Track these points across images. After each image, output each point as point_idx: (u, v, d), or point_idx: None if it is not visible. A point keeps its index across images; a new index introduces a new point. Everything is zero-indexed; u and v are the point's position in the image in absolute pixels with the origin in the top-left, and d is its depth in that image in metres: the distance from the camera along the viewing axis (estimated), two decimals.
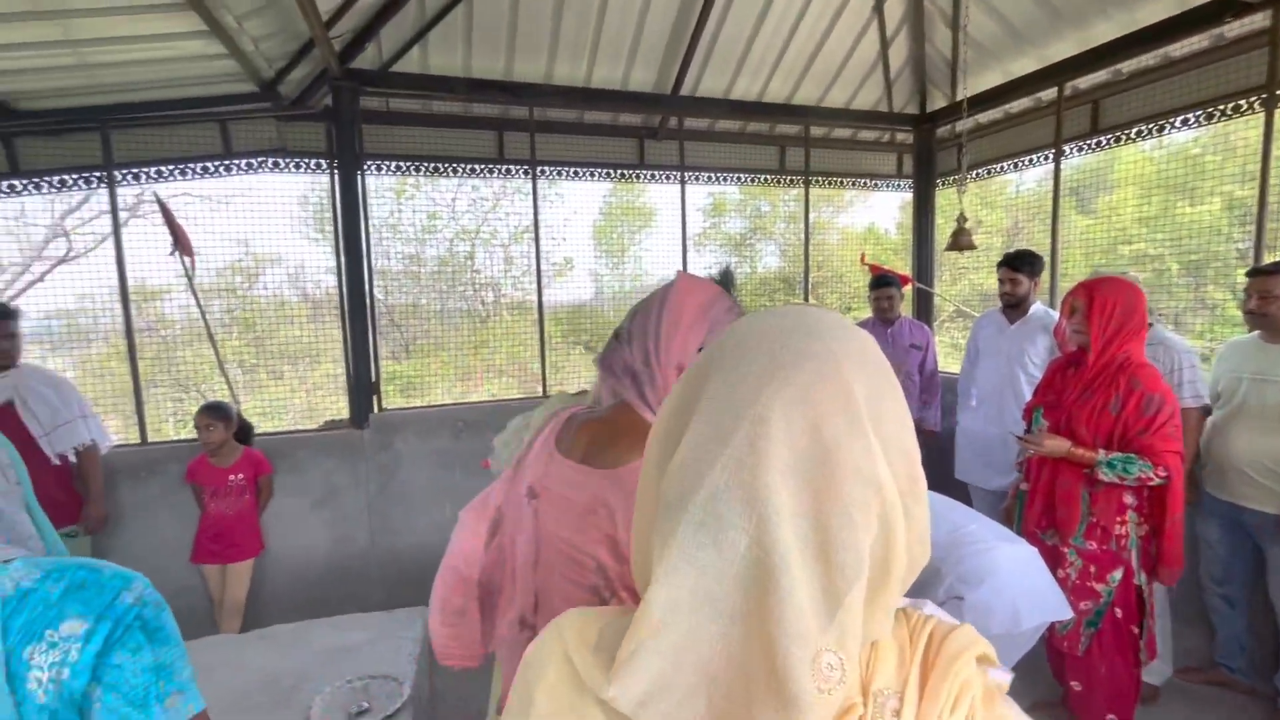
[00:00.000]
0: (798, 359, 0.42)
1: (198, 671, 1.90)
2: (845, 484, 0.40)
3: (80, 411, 2.78)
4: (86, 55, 2.56)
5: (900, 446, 0.43)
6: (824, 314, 0.47)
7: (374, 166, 3.51)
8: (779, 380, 0.41)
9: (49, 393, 2.69)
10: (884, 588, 0.42)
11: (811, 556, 0.39)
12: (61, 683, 0.61)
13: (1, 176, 3.09)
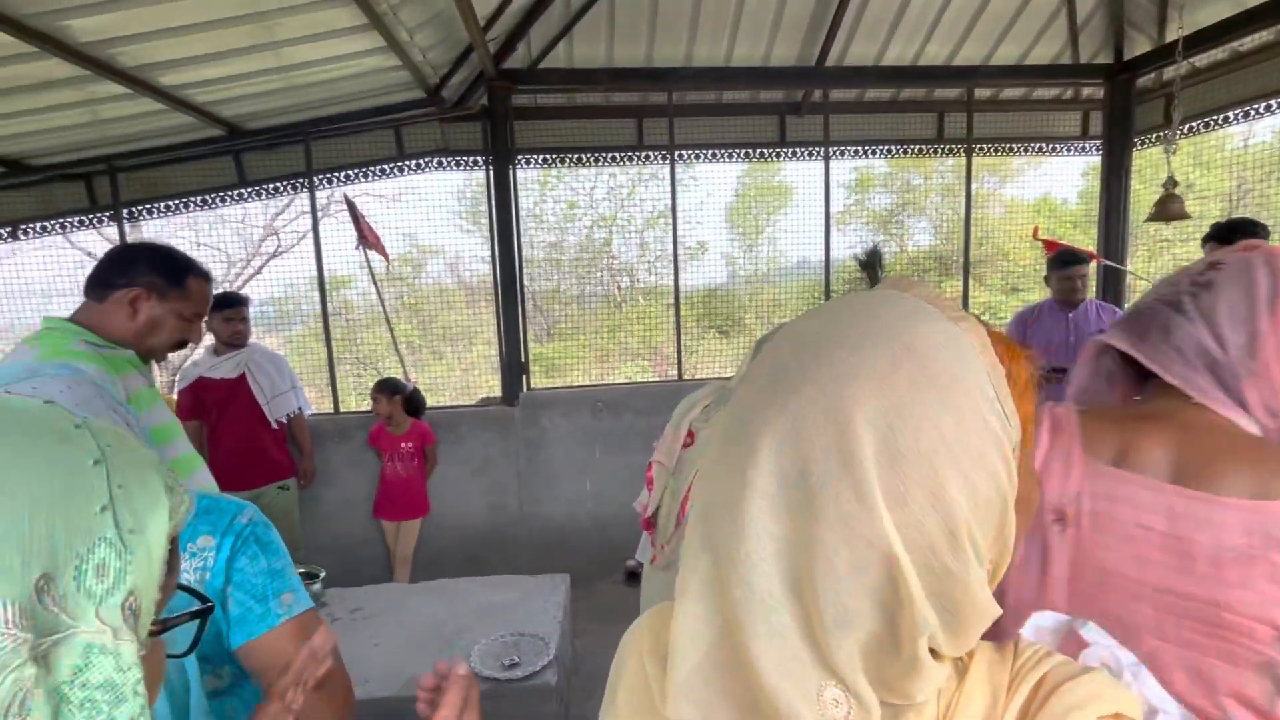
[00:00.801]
0: (799, 380, 0.37)
1: (380, 613, 2.15)
2: (829, 531, 0.35)
3: (292, 384, 3.29)
4: (293, 78, 2.97)
5: (935, 493, 0.35)
6: (875, 310, 0.39)
7: (523, 160, 3.73)
8: (775, 407, 0.37)
9: (270, 367, 3.20)
10: (897, 645, 0.35)
11: (800, 593, 0.36)
12: (205, 582, 0.83)
13: (232, 186, 3.71)
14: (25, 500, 0.31)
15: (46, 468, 0.33)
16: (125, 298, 1.34)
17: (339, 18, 2.51)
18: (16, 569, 0.29)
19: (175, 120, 3.15)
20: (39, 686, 0.29)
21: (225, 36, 2.48)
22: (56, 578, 0.31)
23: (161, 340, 1.42)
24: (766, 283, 6.64)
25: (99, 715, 0.31)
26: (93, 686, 0.31)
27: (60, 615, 0.31)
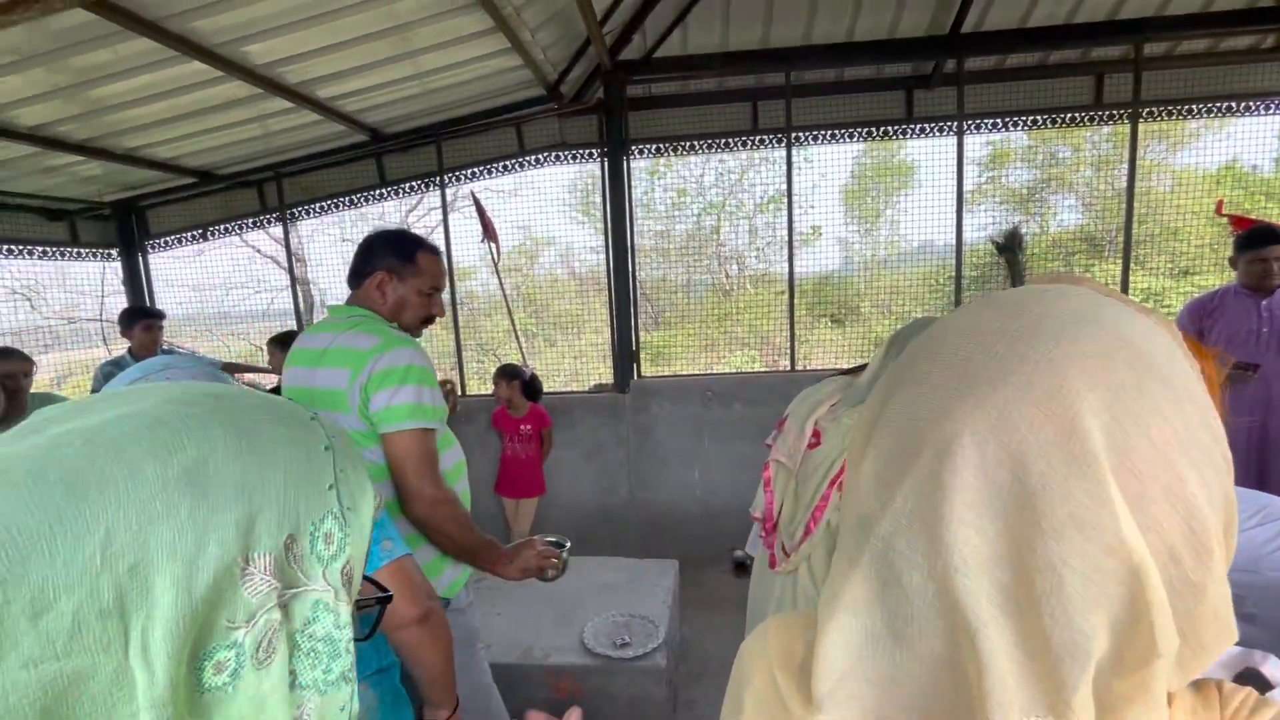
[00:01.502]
0: (1001, 371, 0.33)
1: (501, 584, 2.26)
2: (1056, 538, 0.30)
3: None
4: (427, 84, 3.19)
5: (1175, 491, 0.30)
6: (1064, 300, 0.35)
7: (636, 151, 3.77)
8: (971, 400, 0.33)
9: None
10: (1125, 671, 0.31)
11: (1015, 612, 0.31)
12: None
13: (374, 187, 4.07)
14: (283, 472, 0.36)
15: (296, 448, 0.38)
16: (374, 282, 1.47)
17: (468, 23, 2.66)
18: (274, 528, 0.34)
19: (329, 129, 3.50)
20: (281, 630, 0.34)
21: (371, 49, 2.70)
22: (299, 539, 0.36)
23: (409, 318, 1.52)
24: (885, 268, 6.27)
25: (319, 664, 0.36)
26: (316, 638, 0.36)
27: (298, 573, 0.35)
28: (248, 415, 0.37)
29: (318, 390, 1.42)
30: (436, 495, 1.35)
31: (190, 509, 0.31)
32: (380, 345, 1.36)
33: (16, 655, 0.27)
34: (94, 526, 0.29)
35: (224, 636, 0.32)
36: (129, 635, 0.29)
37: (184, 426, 0.34)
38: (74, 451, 0.30)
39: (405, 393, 1.33)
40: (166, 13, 2.14)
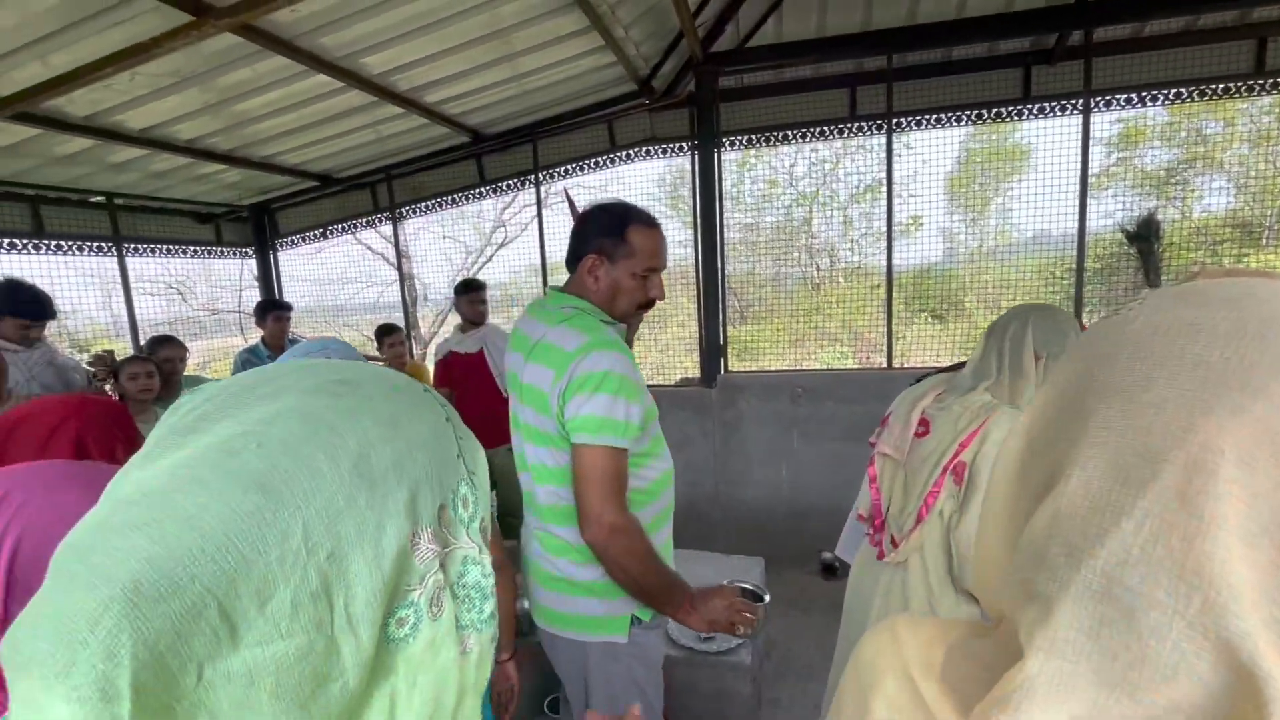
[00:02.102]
0: (1257, 376, 0.29)
1: None
2: None
3: None
4: (525, 85, 3.30)
5: None
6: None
7: (728, 143, 3.73)
8: (1228, 406, 0.29)
9: (503, 344, 3.65)
10: None
11: None
12: None
13: (474, 186, 4.27)
14: (424, 450, 0.40)
15: (428, 425, 0.42)
16: (585, 267, 1.31)
17: (565, 24, 2.73)
18: (429, 502, 0.39)
19: (434, 132, 3.70)
20: (444, 586, 0.40)
21: (474, 54, 2.84)
22: (446, 507, 0.41)
23: (623, 305, 1.33)
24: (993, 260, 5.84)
25: (473, 608, 0.42)
26: (469, 587, 0.42)
27: (449, 536, 0.41)
28: (385, 400, 0.41)
29: (526, 386, 1.31)
30: (615, 522, 1.20)
31: (366, 499, 0.36)
32: (583, 347, 1.21)
33: (251, 637, 0.31)
34: (294, 524, 0.33)
35: (404, 599, 0.37)
36: (334, 612, 0.34)
37: (341, 422, 0.37)
38: (253, 456, 0.34)
39: (597, 403, 1.19)
40: (299, 31, 2.35)
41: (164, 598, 0.29)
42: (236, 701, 0.31)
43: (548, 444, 1.29)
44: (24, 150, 2.89)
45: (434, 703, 0.39)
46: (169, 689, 0.29)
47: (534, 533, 1.41)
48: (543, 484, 1.33)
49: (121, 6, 1.98)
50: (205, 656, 0.30)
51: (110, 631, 0.28)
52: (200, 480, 0.33)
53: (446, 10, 2.43)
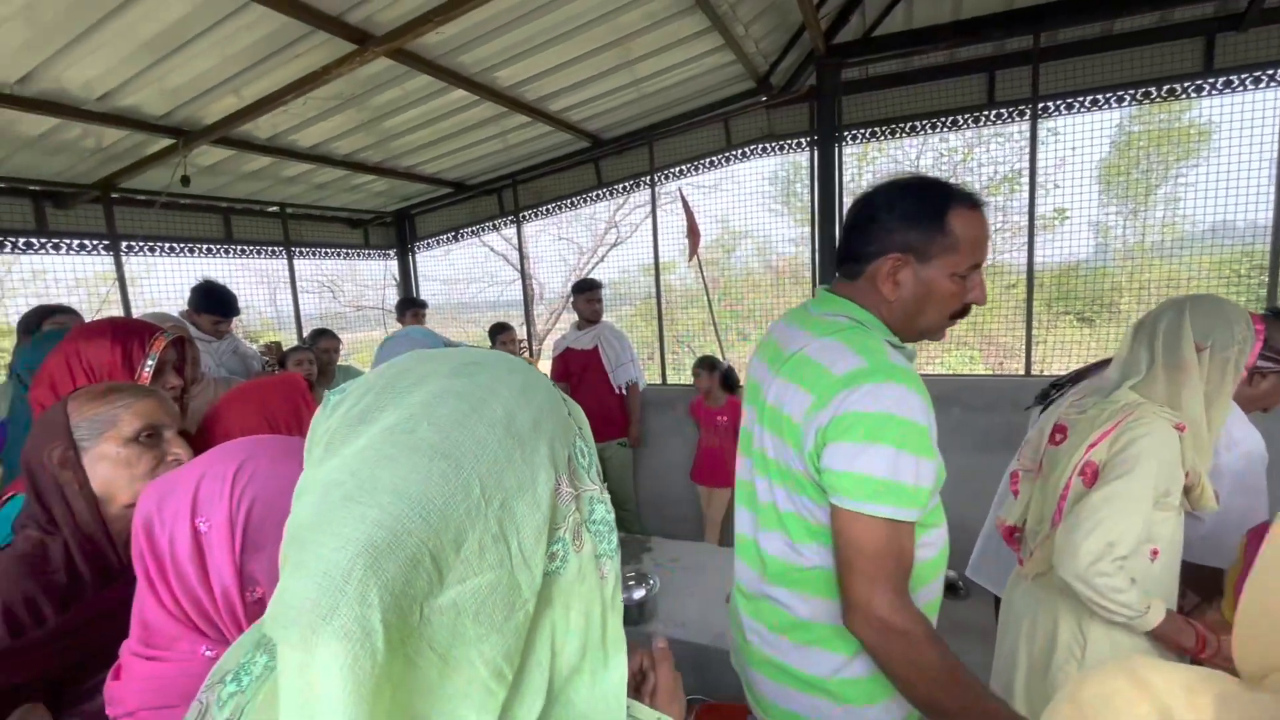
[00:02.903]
0: None
1: (696, 567, 2.30)
2: None
3: (630, 357, 3.81)
4: (643, 88, 3.37)
5: None
6: None
7: (850, 137, 3.59)
8: None
9: (616, 342, 3.77)
10: None
11: None
12: None
13: (592, 189, 4.43)
14: (548, 411, 0.47)
15: (544, 391, 0.49)
16: (881, 271, 0.99)
17: (685, 26, 2.76)
18: (560, 453, 0.46)
19: (557, 138, 3.88)
20: (581, 523, 0.46)
21: (597, 63, 2.94)
22: (572, 456, 0.47)
23: (933, 317, 1.02)
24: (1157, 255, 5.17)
25: (603, 540, 0.48)
26: (598, 522, 0.48)
27: (577, 480, 0.47)
28: (510, 374, 0.47)
29: (770, 408, 1.02)
30: (889, 620, 0.88)
31: (520, 455, 0.43)
32: (857, 374, 0.90)
33: (453, 577, 0.38)
34: (472, 481, 0.40)
35: (554, 536, 0.44)
36: (510, 550, 0.41)
37: (485, 396, 0.44)
38: (428, 431, 0.41)
39: (873, 457, 0.88)
40: (441, 51, 2.56)
41: (393, 551, 0.36)
42: (448, 631, 0.38)
43: (793, 486, 0.99)
44: (220, 169, 3.37)
45: (585, 621, 0.45)
46: (403, 625, 0.36)
47: (746, 590, 1.12)
48: (772, 530, 1.05)
49: (298, 43, 2.26)
50: (424, 595, 0.37)
51: (361, 580, 0.34)
52: (390, 458, 0.39)
53: (571, 23, 2.54)
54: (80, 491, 0.94)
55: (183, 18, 1.99)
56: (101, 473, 0.96)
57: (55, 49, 2.05)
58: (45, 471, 0.94)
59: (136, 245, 3.60)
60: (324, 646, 0.34)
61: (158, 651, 0.76)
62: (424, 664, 0.37)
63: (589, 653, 0.46)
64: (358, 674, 0.33)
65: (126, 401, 0.99)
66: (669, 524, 4.04)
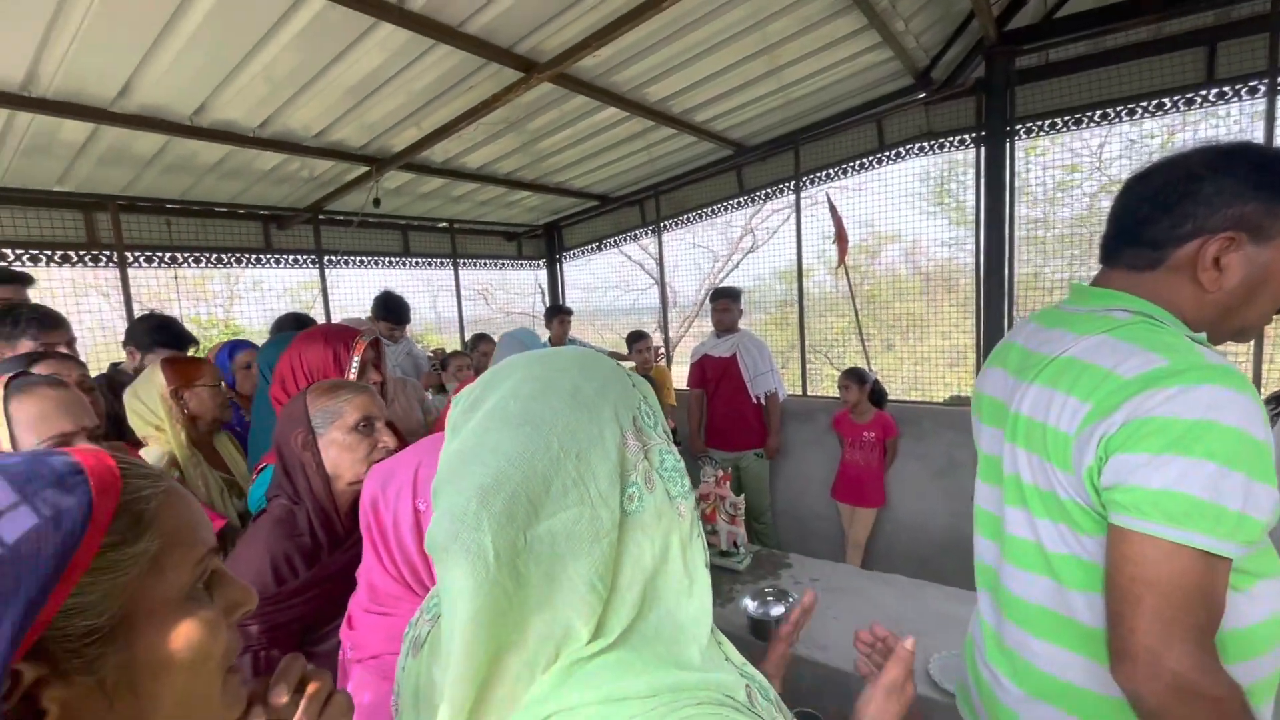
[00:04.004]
0: None
1: (838, 589, 2.17)
2: None
3: (769, 366, 3.73)
4: (789, 93, 3.30)
5: None
6: None
7: (1023, 130, 3.25)
8: None
9: (755, 350, 3.71)
10: None
11: None
12: None
13: (733, 196, 4.41)
14: (613, 380, 0.57)
15: (608, 365, 0.58)
16: (1196, 254, 0.81)
17: (840, 27, 2.67)
18: (625, 413, 0.55)
19: (700, 148, 3.92)
20: (651, 469, 0.54)
21: (744, 72, 2.93)
22: (636, 417, 0.56)
23: (1260, 309, 0.84)
24: None
25: (676, 484, 0.55)
26: (669, 469, 0.56)
27: (643, 435, 0.55)
28: (576, 357, 0.58)
29: (1022, 417, 0.87)
30: (1191, 679, 0.69)
31: (588, 418, 0.53)
32: (1160, 374, 0.73)
33: (545, 512, 0.49)
34: (551, 439, 0.50)
35: (628, 481, 0.53)
36: (589, 491, 0.50)
37: (556, 376, 0.55)
38: (515, 406, 0.53)
39: (1185, 471, 0.70)
40: (598, 72, 2.69)
41: (497, 491, 0.48)
42: (547, 552, 0.48)
43: (1055, 513, 0.83)
44: (402, 190, 3.80)
45: (666, 551, 0.53)
46: (510, 547, 0.47)
47: (990, 632, 0.98)
48: (1021, 567, 0.89)
49: (473, 75, 2.49)
50: (524, 525, 0.48)
51: (475, 514, 0.47)
52: (490, 429, 0.52)
53: (721, 34, 2.55)
54: (316, 470, 1.15)
55: (380, 65, 2.28)
56: (331, 455, 1.16)
57: (285, 99, 2.43)
58: (291, 452, 1.14)
59: (336, 259, 4.16)
60: (453, 560, 0.46)
61: (385, 609, 0.90)
62: (534, 579, 0.48)
63: (673, 577, 0.53)
64: (476, 579, 0.45)
65: (348, 396, 1.17)
66: (807, 540, 3.91)
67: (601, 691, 0.46)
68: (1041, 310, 0.98)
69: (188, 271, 3.84)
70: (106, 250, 3.18)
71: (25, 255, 2.95)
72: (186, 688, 0.44)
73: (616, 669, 0.48)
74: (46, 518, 0.38)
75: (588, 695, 0.46)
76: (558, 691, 0.47)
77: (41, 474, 0.40)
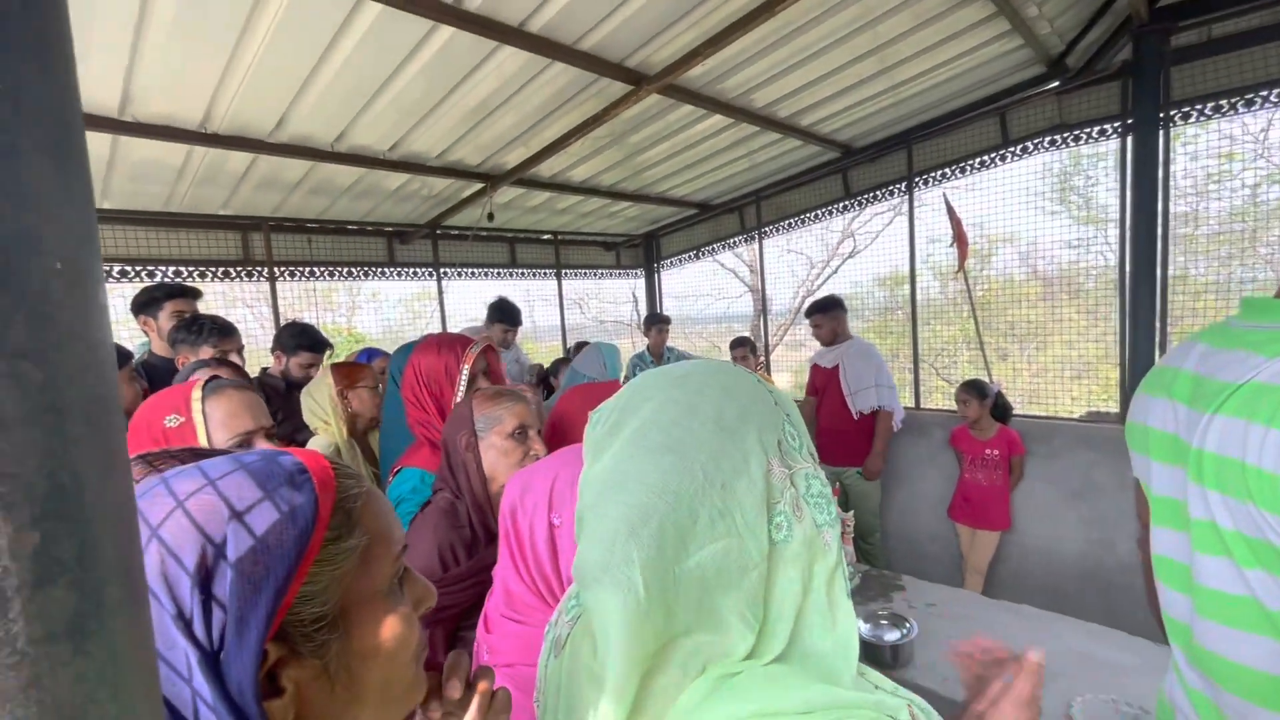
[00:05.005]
0: None
1: (959, 617, 2.01)
2: None
3: (874, 381, 3.46)
4: (901, 92, 3.15)
5: None
6: None
7: (1179, 115, 2.91)
8: None
9: (859, 363, 3.52)
10: None
11: None
12: None
13: (838, 200, 4.26)
14: (755, 403, 0.54)
15: (749, 385, 0.56)
16: None
17: (962, 18, 2.51)
18: (770, 439, 0.53)
19: (804, 152, 3.82)
20: (798, 496, 0.52)
21: (854, 72, 2.82)
22: (781, 440, 0.53)
23: None
24: None
25: (822, 510, 0.52)
26: (815, 494, 0.53)
27: (789, 459, 0.53)
28: (715, 377, 0.56)
29: (1208, 454, 0.77)
30: None
31: (732, 445, 0.51)
32: None
33: (694, 545, 0.48)
34: (695, 469, 0.49)
35: (775, 509, 0.51)
36: (736, 523, 0.49)
37: (697, 400, 0.54)
38: (657, 434, 0.52)
39: None
40: (704, 81, 2.69)
41: (644, 524, 0.47)
42: (697, 586, 0.47)
43: (1270, 563, 0.74)
44: (512, 205, 3.98)
45: (814, 581, 0.51)
46: (661, 580, 0.46)
47: (1201, 699, 0.85)
48: (1230, 624, 0.78)
49: (583, 91, 2.56)
50: (673, 559, 0.47)
51: (624, 546, 0.47)
52: (633, 456, 0.52)
53: (831, 36, 2.48)
54: (476, 470, 1.24)
55: (498, 87, 2.39)
56: (489, 459, 1.25)
57: (412, 124, 2.61)
58: (456, 451, 1.24)
59: (450, 271, 4.42)
60: (604, 593, 0.46)
61: (520, 616, 0.93)
62: (683, 612, 0.47)
63: (820, 608, 0.51)
64: (626, 613, 0.45)
65: (509, 405, 1.26)
66: (920, 562, 3.68)
67: (753, 706, 0.45)
68: (1208, 329, 0.86)
69: (319, 284, 4.21)
70: (259, 266, 3.55)
71: (195, 271, 3.34)
72: (388, 674, 0.47)
73: (767, 683, 0.46)
74: (285, 513, 0.41)
75: (737, 709, 0.45)
76: (706, 703, 0.46)
77: (277, 473, 0.44)
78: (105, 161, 2.50)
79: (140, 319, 2.42)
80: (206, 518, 0.39)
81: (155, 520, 0.39)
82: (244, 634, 0.37)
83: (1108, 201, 5.33)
